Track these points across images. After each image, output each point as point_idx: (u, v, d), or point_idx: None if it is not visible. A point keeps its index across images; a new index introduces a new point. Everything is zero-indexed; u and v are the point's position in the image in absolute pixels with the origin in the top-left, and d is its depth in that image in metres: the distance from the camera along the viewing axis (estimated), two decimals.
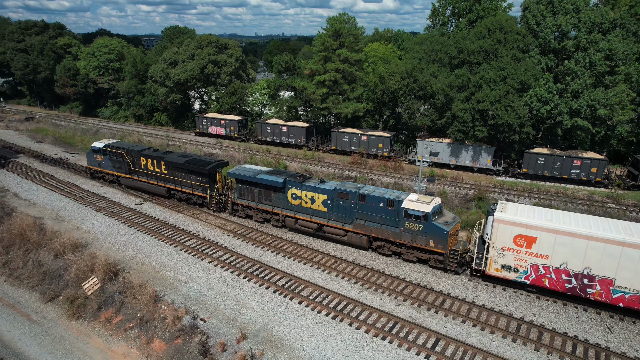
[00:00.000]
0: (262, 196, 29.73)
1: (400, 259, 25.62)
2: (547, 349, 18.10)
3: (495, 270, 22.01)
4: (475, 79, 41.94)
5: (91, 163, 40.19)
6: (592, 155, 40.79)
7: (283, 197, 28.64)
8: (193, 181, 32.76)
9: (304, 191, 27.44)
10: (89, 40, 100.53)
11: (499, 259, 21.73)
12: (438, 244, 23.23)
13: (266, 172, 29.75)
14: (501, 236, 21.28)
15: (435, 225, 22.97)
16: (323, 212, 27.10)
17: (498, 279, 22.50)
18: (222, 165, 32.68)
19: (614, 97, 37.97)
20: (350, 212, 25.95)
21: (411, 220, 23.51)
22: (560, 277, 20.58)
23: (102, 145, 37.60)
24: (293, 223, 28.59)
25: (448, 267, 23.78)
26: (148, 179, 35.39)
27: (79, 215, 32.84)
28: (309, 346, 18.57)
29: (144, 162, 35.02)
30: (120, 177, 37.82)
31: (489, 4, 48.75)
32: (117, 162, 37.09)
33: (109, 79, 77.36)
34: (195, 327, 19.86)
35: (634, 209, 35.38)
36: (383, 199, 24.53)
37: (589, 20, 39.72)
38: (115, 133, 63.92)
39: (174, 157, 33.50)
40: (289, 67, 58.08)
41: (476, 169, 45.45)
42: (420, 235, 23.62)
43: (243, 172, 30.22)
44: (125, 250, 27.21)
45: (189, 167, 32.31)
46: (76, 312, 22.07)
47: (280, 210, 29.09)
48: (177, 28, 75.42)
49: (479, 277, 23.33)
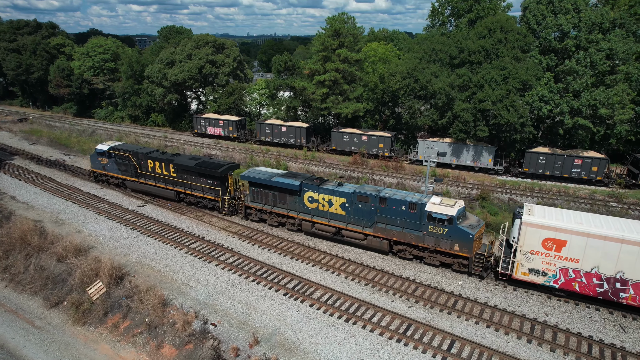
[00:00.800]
0: (276, 199, 28.99)
1: (421, 263, 25.04)
2: (563, 350, 18.02)
3: (522, 274, 21.53)
4: (477, 79, 41.96)
5: (95, 166, 39.09)
6: (593, 155, 41.01)
7: (299, 201, 27.95)
8: (204, 184, 31.96)
9: (321, 194, 26.80)
10: (81, 40, 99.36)
11: (526, 262, 21.26)
12: (463, 247, 22.65)
13: (281, 175, 28.98)
14: (529, 239, 20.80)
15: (460, 228, 22.39)
16: (341, 215, 26.45)
17: (525, 282, 21.97)
18: (233, 167, 32.00)
19: (614, 96, 38.19)
20: (371, 216, 25.32)
21: (435, 223, 22.94)
22: (591, 281, 20.17)
23: (107, 148, 36.71)
24: (310, 227, 27.77)
25: (472, 271, 23.27)
26: (156, 182, 34.55)
27: (79, 218, 32.26)
28: (323, 350, 18.31)
29: (152, 164, 34.21)
30: (126, 181, 36.84)
31: (489, 4, 48.84)
32: (123, 165, 36.17)
33: (104, 79, 76.46)
34: (206, 332, 19.50)
35: (636, 207, 35.59)
36: (405, 202, 23.94)
37: (589, 19, 39.93)
38: (111, 134, 63.14)
39: (184, 160, 32.74)
40: (288, 67, 57.72)
41: (477, 169, 45.50)
42: (444, 239, 23.05)
43: (257, 175, 29.43)
44: (129, 253, 26.73)
45: (200, 170, 31.45)
46: (82, 318, 21.58)
47: (296, 213, 28.33)
48: (173, 28, 74.73)
49: (504, 281, 22.74)
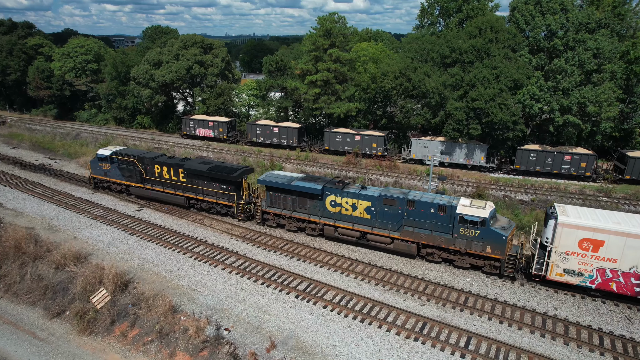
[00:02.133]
0: (296, 204, 28.23)
1: (450, 265, 24.74)
2: (576, 342, 18.41)
3: (557, 275, 21.48)
4: (469, 78, 42.58)
5: (96, 172, 37.14)
6: (582, 151, 42.15)
7: (320, 205, 27.25)
8: (217, 189, 30.88)
9: (345, 198, 26.18)
10: (58, 41, 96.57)
11: (561, 263, 21.20)
12: (495, 249, 22.40)
13: (300, 179, 28.22)
14: (565, 240, 20.76)
15: (493, 230, 22.18)
16: (366, 219, 25.90)
17: (559, 283, 21.96)
18: (248, 171, 31.13)
19: (602, 94, 39.35)
20: (398, 219, 24.85)
21: (467, 226, 22.63)
22: (629, 280, 20.19)
23: (110, 153, 35.07)
24: (332, 232, 27.16)
25: (504, 272, 23.03)
26: (164, 188, 33.17)
27: (73, 224, 31.27)
28: (341, 351, 18.22)
29: (159, 170, 32.85)
30: (130, 187, 35.25)
31: (477, 4, 49.63)
32: (127, 171, 34.60)
33: (87, 80, 74.47)
34: (221, 338, 19.16)
35: (625, 201, 36.74)
36: (434, 205, 23.61)
37: (576, 20, 41.03)
38: (97, 137, 61.51)
39: (194, 164, 31.57)
40: (279, 67, 57.38)
41: (470, 167, 46.18)
42: (476, 241, 22.76)
43: (275, 180, 28.60)
44: (131, 259, 26.04)
45: (213, 175, 30.34)
46: (87, 327, 20.94)
47: (317, 218, 27.58)
48: (159, 28, 73.23)
49: (538, 282, 22.60)
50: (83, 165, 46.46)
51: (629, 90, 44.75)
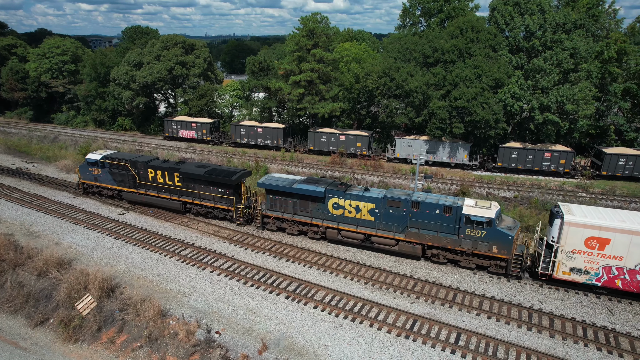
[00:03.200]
0: (297, 207, 27.81)
1: (455, 266, 24.73)
2: (561, 335, 18.90)
3: (564, 274, 21.68)
4: (451, 77, 43.22)
5: (85, 177, 35.88)
6: (561, 148, 43.28)
7: (323, 208, 26.91)
8: (215, 193, 30.19)
9: (348, 200, 25.90)
10: (32, 41, 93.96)
11: (567, 262, 21.40)
12: (502, 249, 22.49)
13: (302, 182, 27.75)
14: (571, 239, 20.96)
15: (499, 230, 22.27)
16: (370, 221, 25.67)
17: (565, 282, 22.18)
18: (246, 174, 30.44)
19: (579, 92, 40.49)
20: (402, 221, 24.73)
21: (473, 226, 22.66)
22: (634, 278, 20.51)
23: (100, 157, 33.97)
24: (335, 234, 26.81)
25: (511, 272, 23.10)
26: (158, 192, 32.32)
27: (55, 229, 30.47)
28: (333, 351, 18.27)
29: (152, 174, 31.93)
30: (122, 192, 34.28)
31: (458, 5, 50.40)
32: (119, 175, 33.61)
33: (64, 82, 72.55)
34: (212, 341, 18.98)
35: (602, 196, 37.89)
36: (439, 206, 23.56)
37: (553, 20, 42.11)
38: (76, 140, 60.04)
39: (190, 168, 30.85)
40: (262, 68, 57.10)
41: (453, 165, 46.87)
42: (482, 242, 22.78)
43: (276, 182, 28.10)
44: (117, 264, 25.53)
45: (210, 178, 29.64)
46: (73, 335, 20.44)
47: (320, 221, 27.22)
48: (139, 28, 71.90)
49: (544, 281, 22.80)
50: (62, 169, 45.34)
51: (604, 88, 46.18)
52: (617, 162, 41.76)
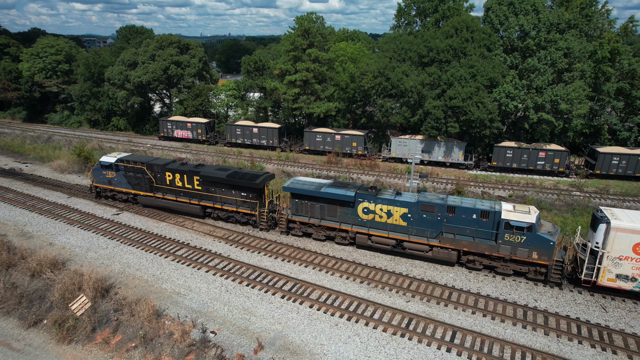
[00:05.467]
0: (324, 212, 27.00)
1: (492, 272, 24.06)
2: (556, 332, 19.01)
3: (609, 281, 21.01)
4: (446, 77, 43.35)
5: (99, 180, 34.80)
6: (555, 147, 43.54)
7: (352, 212, 26.11)
8: (237, 197, 29.33)
9: (379, 205, 25.17)
10: (25, 41, 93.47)
11: (613, 268, 20.73)
12: (542, 255, 21.91)
13: (329, 185, 26.93)
14: (618, 245, 20.31)
15: (540, 236, 21.68)
16: (402, 226, 24.95)
17: (610, 289, 21.53)
18: (270, 177, 29.53)
19: (573, 92, 40.74)
20: (436, 226, 24.06)
21: (512, 232, 21.99)
22: None
23: (115, 160, 33.05)
24: (365, 240, 26.01)
25: (551, 278, 22.51)
26: (176, 196, 31.38)
27: (49, 230, 30.25)
28: (329, 350, 18.26)
29: (170, 177, 31.05)
30: (138, 196, 33.23)
31: (453, 5, 50.58)
32: (135, 179, 32.61)
33: (58, 82, 72.13)
34: (207, 341, 18.91)
35: (596, 195, 38.16)
36: (476, 210, 22.94)
37: (547, 20, 42.34)
38: (70, 140, 59.68)
39: (211, 171, 29.94)
40: (258, 67, 57.01)
41: (448, 164, 47.03)
42: (522, 247, 22.15)
43: (302, 186, 27.22)
44: (111, 264, 25.39)
45: (233, 182, 28.70)
46: (67, 336, 20.26)
47: (349, 226, 26.42)
48: (133, 28, 71.57)
49: (588, 288, 22.11)
50: (56, 169, 45.06)
51: (597, 88, 46.53)
52: (610, 161, 42.07)
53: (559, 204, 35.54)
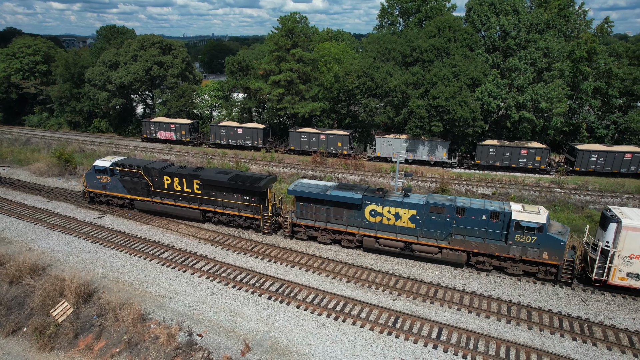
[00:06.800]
0: (330, 215, 26.67)
1: (501, 273, 23.95)
2: (539, 326, 19.38)
3: (620, 279, 21.13)
4: (430, 76, 43.78)
5: (92, 185, 33.77)
6: (536, 145, 44.39)
7: (359, 215, 25.81)
8: (239, 201, 28.70)
9: (387, 207, 24.95)
10: (1, 40, 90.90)
11: (625, 267, 20.87)
12: (553, 255, 21.96)
13: (335, 188, 26.71)
14: (629, 244, 20.43)
15: (551, 236, 21.73)
16: (410, 228, 24.74)
17: (621, 288, 21.67)
18: (272, 180, 29.09)
19: (553, 91, 41.61)
20: (446, 227, 23.96)
21: (523, 232, 22.02)
22: None
23: (110, 164, 32.20)
24: (373, 243, 25.61)
25: (561, 278, 22.52)
26: (175, 201, 30.70)
27: (28, 234, 29.52)
28: (316, 350, 18.26)
29: (169, 181, 30.36)
30: (134, 201, 32.37)
31: (435, 5, 51.12)
32: (131, 183, 31.78)
33: (36, 83, 70.38)
34: (193, 344, 18.71)
35: (576, 191, 39.04)
36: (486, 211, 22.87)
37: (527, 20, 43.15)
38: (49, 142, 58.35)
39: (211, 174, 29.19)
40: (242, 68, 56.64)
41: (433, 163, 47.53)
42: (532, 248, 22.19)
43: (307, 189, 26.85)
44: (94, 269, 24.91)
45: (235, 185, 28.13)
46: (48, 343, 19.83)
47: (356, 229, 26.10)
48: (114, 28, 70.30)
49: (598, 287, 22.18)
50: (35, 172, 43.99)
51: (576, 87, 47.65)
52: (589, 158, 43.10)
53: (540, 201, 36.23)
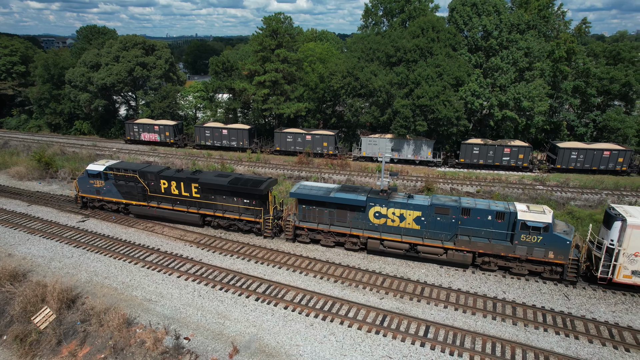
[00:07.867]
0: (334, 217, 26.31)
1: (507, 273, 23.97)
2: (523, 322, 19.74)
3: (625, 277, 21.30)
4: (414, 76, 44.18)
5: (85, 190, 32.73)
6: (519, 143, 45.18)
7: (363, 217, 25.59)
8: (239, 204, 28.22)
9: (391, 208, 24.76)
10: None
11: (629, 265, 21.05)
12: (559, 254, 22.12)
13: (339, 190, 26.39)
14: (634, 242, 20.64)
15: (557, 235, 21.88)
16: (415, 230, 24.65)
17: (627, 285, 21.88)
18: (273, 183, 28.68)
19: (534, 90, 42.41)
20: (451, 228, 23.94)
21: (528, 232, 22.09)
22: None
23: (103, 168, 31.24)
24: (378, 245, 25.36)
25: (566, 277, 22.64)
26: (173, 205, 29.99)
27: (7, 240, 28.77)
28: (305, 350, 18.26)
29: (165, 185, 29.68)
30: (130, 205, 31.50)
31: (418, 5, 51.61)
32: (127, 187, 30.90)
33: (13, 84, 68.74)
34: (181, 347, 18.52)
35: (557, 189, 39.87)
36: (492, 212, 22.92)
37: (508, 21, 43.89)
38: (29, 145, 57.03)
39: (210, 178, 28.66)
40: (226, 68, 56.23)
41: (418, 162, 47.96)
42: (538, 248, 22.29)
43: (309, 192, 26.53)
44: (77, 274, 24.43)
45: (235, 189, 27.61)
46: (30, 351, 19.48)
47: (360, 231, 25.85)
48: (95, 28, 69.03)
49: (604, 285, 22.35)
50: (14, 176, 42.94)
51: (556, 86, 48.63)
52: (569, 155, 44.06)
53: (524, 198, 36.87)
